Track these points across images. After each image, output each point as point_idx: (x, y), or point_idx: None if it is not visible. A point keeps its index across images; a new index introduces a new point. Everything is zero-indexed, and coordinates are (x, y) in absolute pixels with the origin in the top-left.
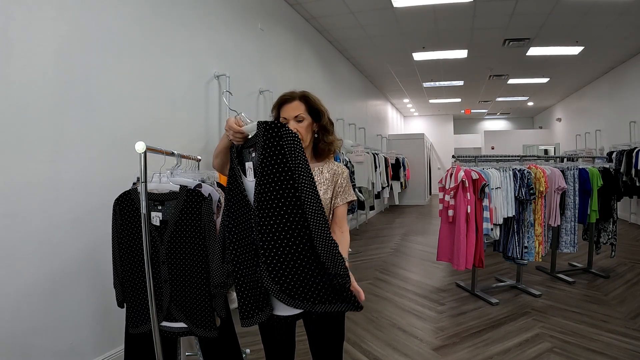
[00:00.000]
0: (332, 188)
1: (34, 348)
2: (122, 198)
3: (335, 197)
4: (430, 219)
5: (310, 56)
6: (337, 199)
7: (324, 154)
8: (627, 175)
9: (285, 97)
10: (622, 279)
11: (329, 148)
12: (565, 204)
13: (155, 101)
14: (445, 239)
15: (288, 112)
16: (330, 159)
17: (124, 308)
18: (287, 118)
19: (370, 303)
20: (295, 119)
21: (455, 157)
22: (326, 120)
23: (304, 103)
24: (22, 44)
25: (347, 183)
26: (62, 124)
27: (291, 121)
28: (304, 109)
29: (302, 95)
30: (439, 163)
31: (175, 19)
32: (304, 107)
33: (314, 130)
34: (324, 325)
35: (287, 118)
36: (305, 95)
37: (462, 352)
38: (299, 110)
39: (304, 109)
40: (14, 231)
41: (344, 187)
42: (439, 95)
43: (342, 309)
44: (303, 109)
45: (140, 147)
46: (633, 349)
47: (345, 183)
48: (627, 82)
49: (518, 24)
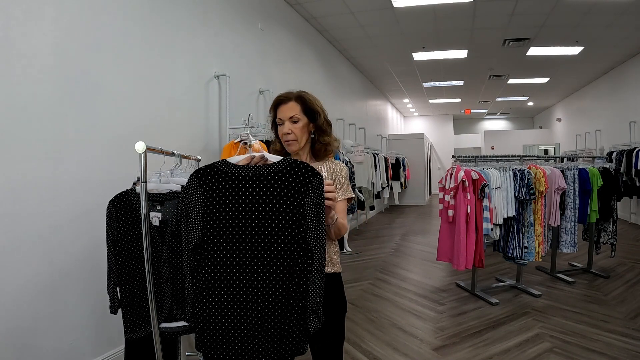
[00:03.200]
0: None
1: (34, 347)
2: (118, 199)
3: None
4: (430, 219)
5: (310, 56)
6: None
7: (320, 154)
8: (627, 175)
9: (281, 98)
10: (622, 279)
11: (326, 148)
12: (565, 204)
13: (155, 101)
14: (445, 239)
15: (284, 113)
16: (329, 158)
17: (117, 314)
18: (282, 119)
19: (370, 303)
20: (291, 119)
21: (455, 157)
22: (322, 120)
23: (300, 103)
24: (22, 44)
25: (345, 180)
26: (62, 124)
27: (286, 122)
28: (299, 109)
29: (297, 96)
30: (439, 163)
31: (175, 19)
32: (300, 107)
33: (310, 130)
34: (324, 325)
35: (283, 119)
36: (301, 95)
37: (462, 352)
38: (294, 111)
39: (299, 110)
40: (14, 231)
41: (342, 184)
42: (439, 95)
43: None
44: (299, 109)
45: (140, 147)
46: (633, 349)
47: (344, 180)
48: (627, 82)
49: (518, 24)
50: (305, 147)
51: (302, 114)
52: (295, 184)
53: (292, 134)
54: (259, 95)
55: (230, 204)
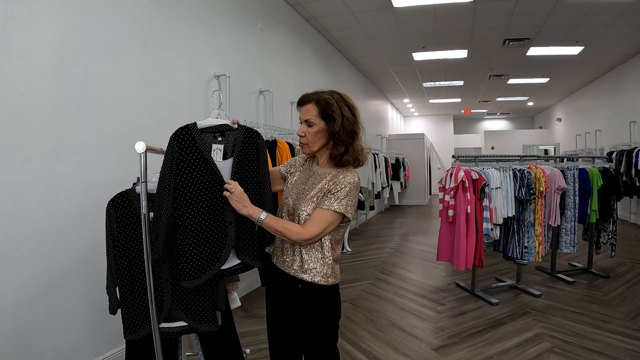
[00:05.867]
0: (324, 193)
1: (34, 347)
2: (118, 199)
3: (321, 197)
4: (430, 219)
5: (310, 56)
6: (322, 198)
7: (339, 163)
8: (627, 175)
9: (302, 98)
10: (622, 279)
11: (341, 159)
12: (565, 204)
13: (155, 101)
14: (445, 239)
15: (302, 114)
16: (349, 169)
17: (116, 315)
18: (300, 120)
19: (370, 303)
20: (306, 122)
21: (455, 157)
22: (339, 128)
23: (318, 107)
24: (22, 44)
25: (343, 193)
26: (62, 124)
27: (303, 124)
28: (315, 112)
29: (317, 99)
30: (439, 163)
31: (175, 19)
32: (317, 111)
33: (328, 135)
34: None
35: (300, 120)
36: (320, 98)
37: (462, 352)
38: (309, 114)
39: (315, 113)
40: (14, 231)
41: (334, 194)
42: (439, 95)
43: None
44: (315, 112)
45: (140, 147)
46: (633, 349)
47: (338, 191)
48: (627, 82)
49: (518, 24)
50: (324, 151)
51: (319, 118)
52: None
53: (303, 137)
54: (259, 95)
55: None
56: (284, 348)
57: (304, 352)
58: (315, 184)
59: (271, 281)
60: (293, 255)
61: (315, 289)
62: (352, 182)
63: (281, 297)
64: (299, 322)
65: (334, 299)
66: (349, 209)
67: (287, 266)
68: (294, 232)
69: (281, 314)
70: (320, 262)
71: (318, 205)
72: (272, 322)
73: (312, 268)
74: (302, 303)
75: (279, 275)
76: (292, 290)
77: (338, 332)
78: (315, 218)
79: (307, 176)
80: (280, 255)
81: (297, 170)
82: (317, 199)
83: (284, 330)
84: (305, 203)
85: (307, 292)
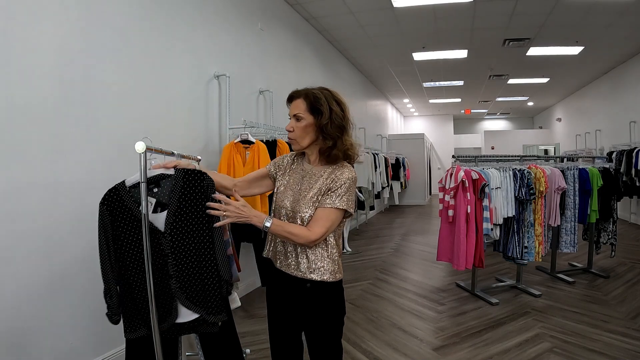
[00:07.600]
0: (323, 192)
1: (34, 347)
2: (109, 198)
3: (321, 196)
4: (430, 219)
5: (310, 56)
6: (323, 197)
7: (326, 158)
8: (627, 175)
9: (292, 94)
10: (622, 279)
11: (330, 153)
12: (565, 204)
13: (155, 101)
14: (445, 239)
15: (291, 109)
16: (343, 165)
17: (118, 325)
18: (289, 115)
19: (370, 303)
20: (295, 117)
21: (455, 157)
22: (326, 121)
23: (306, 101)
24: (22, 44)
25: (341, 188)
26: (62, 124)
27: (292, 119)
28: (304, 107)
29: (306, 93)
30: (439, 163)
31: (175, 19)
32: (305, 105)
33: (317, 130)
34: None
35: (289, 115)
36: (307, 92)
37: (462, 352)
38: (298, 109)
39: (304, 108)
40: (14, 231)
41: (334, 191)
42: (439, 95)
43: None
44: (304, 107)
45: (140, 147)
46: (633, 349)
47: (337, 188)
48: (627, 82)
49: (518, 24)
50: (313, 148)
51: (308, 113)
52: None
53: (292, 132)
54: (259, 95)
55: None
56: (287, 348)
57: (309, 350)
58: (312, 184)
59: (275, 283)
60: (298, 257)
61: (324, 286)
62: (350, 177)
63: (286, 297)
64: (305, 321)
65: (340, 294)
66: (350, 203)
67: (293, 269)
68: (302, 237)
69: (285, 314)
70: (327, 259)
71: (319, 205)
72: (274, 322)
73: (320, 267)
74: (310, 301)
75: (284, 278)
76: (298, 290)
77: (343, 327)
78: (320, 218)
79: (300, 176)
80: (284, 260)
81: (286, 171)
82: (318, 199)
83: (287, 330)
84: (306, 204)
85: (316, 290)
